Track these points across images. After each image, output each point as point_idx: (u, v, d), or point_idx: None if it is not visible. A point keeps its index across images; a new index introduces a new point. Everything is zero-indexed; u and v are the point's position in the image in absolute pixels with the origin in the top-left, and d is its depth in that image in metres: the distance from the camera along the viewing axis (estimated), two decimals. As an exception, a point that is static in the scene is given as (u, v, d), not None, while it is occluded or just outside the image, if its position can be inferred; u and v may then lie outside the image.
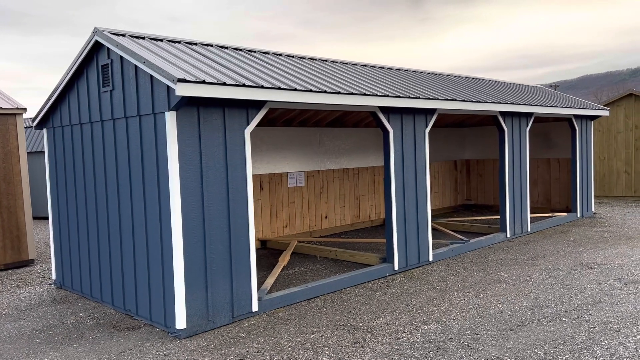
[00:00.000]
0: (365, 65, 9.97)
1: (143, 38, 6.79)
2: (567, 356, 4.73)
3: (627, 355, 4.70)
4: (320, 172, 11.62)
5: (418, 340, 5.23)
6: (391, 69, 10.47)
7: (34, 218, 16.33)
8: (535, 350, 4.88)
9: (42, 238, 12.83)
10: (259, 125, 10.42)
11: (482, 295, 6.65)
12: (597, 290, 6.72)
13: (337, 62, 9.43)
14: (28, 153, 16.34)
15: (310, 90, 6.41)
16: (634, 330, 5.28)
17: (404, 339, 5.30)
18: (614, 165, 16.59)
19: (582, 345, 4.97)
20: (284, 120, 10.68)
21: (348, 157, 12.20)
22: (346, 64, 9.55)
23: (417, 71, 11.17)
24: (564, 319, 5.68)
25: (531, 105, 10.55)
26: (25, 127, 16.86)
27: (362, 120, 12.04)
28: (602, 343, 5.00)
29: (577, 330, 5.34)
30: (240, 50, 7.92)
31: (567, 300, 6.35)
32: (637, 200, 15.79)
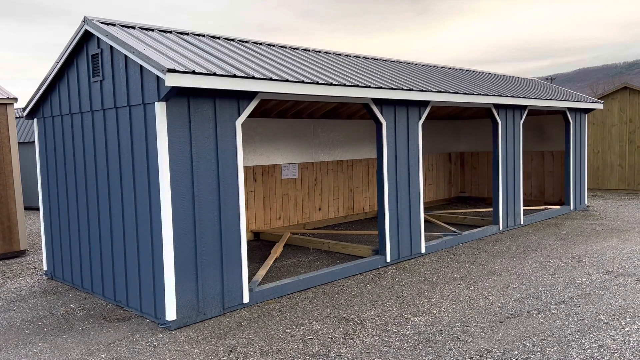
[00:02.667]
0: (359, 57, 9.92)
1: (134, 27, 6.72)
2: (555, 348, 4.75)
3: (615, 348, 4.72)
4: (314, 163, 11.60)
5: (408, 332, 5.24)
6: (385, 60, 10.43)
7: (26, 209, 16.27)
8: (524, 343, 4.90)
9: (34, 229, 12.78)
10: (252, 116, 10.37)
11: (472, 288, 6.67)
12: (588, 282, 6.75)
13: (330, 53, 9.38)
14: (19, 143, 16.24)
15: (302, 82, 6.37)
16: (623, 323, 5.30)
17: (394, 330, 5.31)
18: (608, 159, 16.63)
19: (570, 337, 4.99)
20: (278, 111, 10.63)
21: (342, 149, 12.18)
22: (339, 55, 9.50)
23: (411, 63, 11.13)
24: (553, 312, 5.70)
25: (525, 97, 10.54)
26: (16, 117, 16.75)
27: (357, 112, 12.00)
28: (591, 335, 5.02)
29: (566, 323, 5.36)
30: (233, 40, 7.86)
31: (557, 292, 6.37)
32: (630, 193, 15.86)
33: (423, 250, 8.57)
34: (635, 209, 12.75)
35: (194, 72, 5.26)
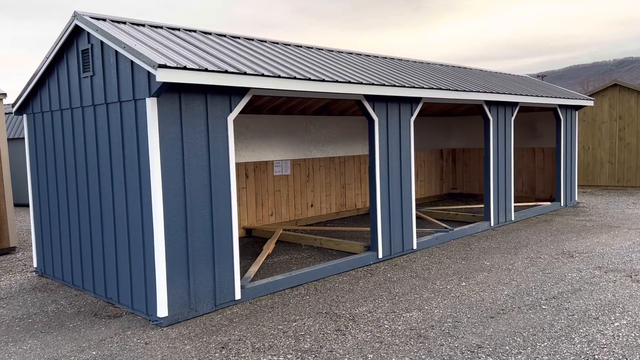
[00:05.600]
0: (352, 53, 9.92)
1: (124, 23, 6.67)
2: (545, 343, 4.79)
3: (604, 343, 4.76)
4: (307, 160, 11.59)
5: (399, 328, 5.26)
6: (377, 57, 10.43)
7: (16, 205, 16.14)
8: (515, 338, 4.93)
9: (25, 225, 12.68)
10: (244, 112, 10.34)
11: (464, 283, 6.70)
12: (578, 278, 6.80)
13: (322, 49, 9.36)
14: (9, 139, 16.09)
15: (294, 78, 6.35)
16: (612, 318, 5.35)
17: (386, 326, 5.32)
18: (598, 155, 16.75)
19: (560, 332, 5.03)
20: (270, 108, 10.61)
21: (334, 145, 12.17)
22: (332, 51, 9.49)
23: (404, 59, 11.14)
24: (544, 307, 5.74)
25: (516, 94, 10.58)
26: (5, 113, 16.59)
27: (349, 109, 12.00)
28: (580, 330, 5.06)
29: (557, 318, 5.40)
30: (224, 36, 7.82)
31: (547, 288, 6.42)
32: (620, 190, 15.99)
33: (415, 247, 8.60)
34: (625, 206, 12.86)
35: (185, 68, 5.23)
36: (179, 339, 5.16)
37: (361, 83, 7.24)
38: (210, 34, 7.63)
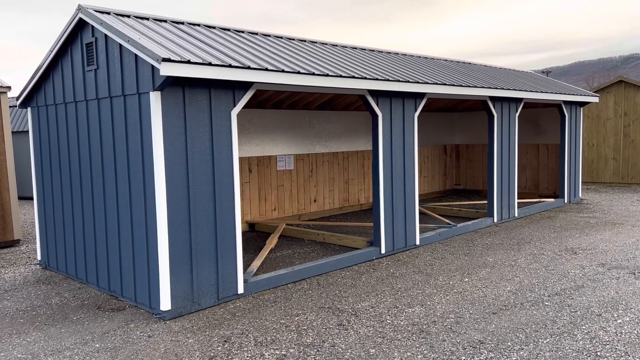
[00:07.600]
0: (356, 48, 9.89)
1: (128, 16, 6.67)
2: (547, 340, 4.79)
3: (607, 339, 4.76)
4: (310, 155, 11.59)
5: (402, 323, 5.27)
6: (381, 52, 10.39)
7: (20, 198, 16.19)
8: (517, 334, 4.93)
9: (29, 218, 12.73)
10: (248, 107, 10.33)
11: (466, 279, 6.70)
12: (581, 275, 6.79)
13: (326, 44, 9.34)
14: (13, 132, 16.13)
15: (298, 72, 6.34)
16: (615, 315, 5.34)
17: (388, 321, 5.33)
18: (603, 152, 16.69)
19: (563, 329, 5.03)
20: (274, 102, 10.60)
21: (338, 140, 12.16)
22: (336, 46, 9.46)
23: (408, 55, 11.10)
24: (546, 303, 5.74)
25: (521, 90, 10.54)
26: (10, 106, 16.63)
27: (353, 104, 11.98)
28: (583, 327, 5.06)
29: (559, 315, 5.40)
30: (228, 30, 7.81)
31: (550, 284, 6.41)
32: (624, 187, 15.93)
33: (417, 242, 8.60)
34: (629, 202, 12.82)
35: (189, 62, 5.23)
36: (181, 332, 5.18)
37: (365, 78, 7.22)
38: (214, 28, 7.62)
